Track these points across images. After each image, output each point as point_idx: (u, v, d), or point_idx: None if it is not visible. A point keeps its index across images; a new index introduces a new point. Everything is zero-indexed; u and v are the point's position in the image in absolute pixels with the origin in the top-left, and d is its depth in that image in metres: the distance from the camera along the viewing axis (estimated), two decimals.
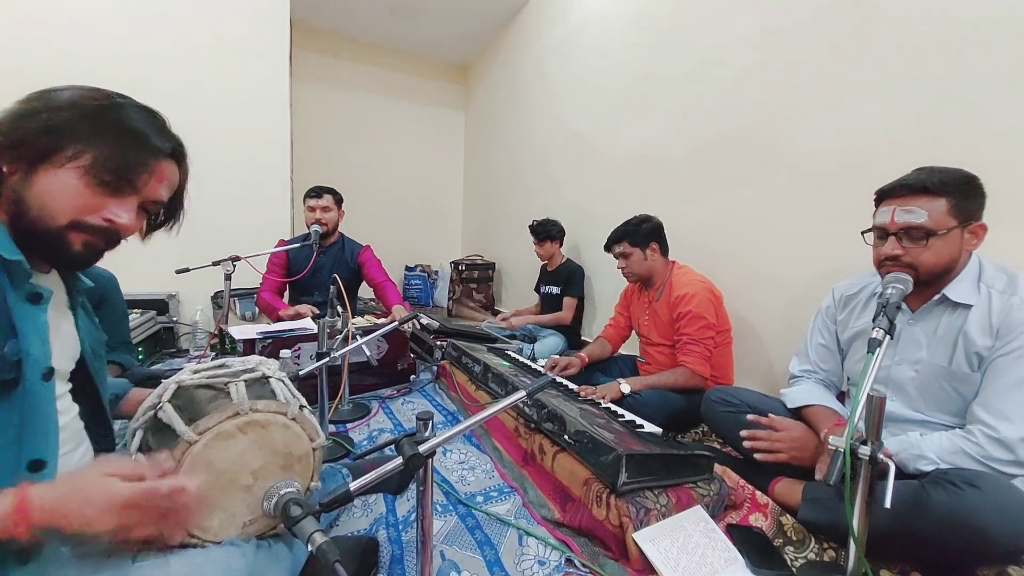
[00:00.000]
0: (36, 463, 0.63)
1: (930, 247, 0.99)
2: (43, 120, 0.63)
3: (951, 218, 0.98)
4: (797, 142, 1.74)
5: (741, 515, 1.13)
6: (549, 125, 3.45)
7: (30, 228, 0.63)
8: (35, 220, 0.63)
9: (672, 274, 1.85)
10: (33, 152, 0.62)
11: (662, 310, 1.83)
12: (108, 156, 0.65)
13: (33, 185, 0.62)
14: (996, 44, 1.25)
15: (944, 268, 1.01)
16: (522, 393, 0.80)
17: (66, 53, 2.47)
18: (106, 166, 0.65)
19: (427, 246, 4.94)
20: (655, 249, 1.85)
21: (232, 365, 0.83)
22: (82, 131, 0.64)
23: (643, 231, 1.85)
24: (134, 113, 0.70)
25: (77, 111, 0.65)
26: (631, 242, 1.85)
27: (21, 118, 0.63)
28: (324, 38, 4.25)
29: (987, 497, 0.81)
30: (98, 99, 0.67)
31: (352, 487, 0.64)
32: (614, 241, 1.91)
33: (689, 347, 1.67)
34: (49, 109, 0.64)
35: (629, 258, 1.87)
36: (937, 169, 1.02)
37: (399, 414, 1.80)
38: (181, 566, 0.60)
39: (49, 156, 0.63)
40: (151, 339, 2.47)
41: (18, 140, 0.62)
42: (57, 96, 0.65)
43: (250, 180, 3.01)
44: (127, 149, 0.67)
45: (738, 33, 1.96)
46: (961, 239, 1.00)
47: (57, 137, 0.63)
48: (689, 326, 1.68)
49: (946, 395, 1.03)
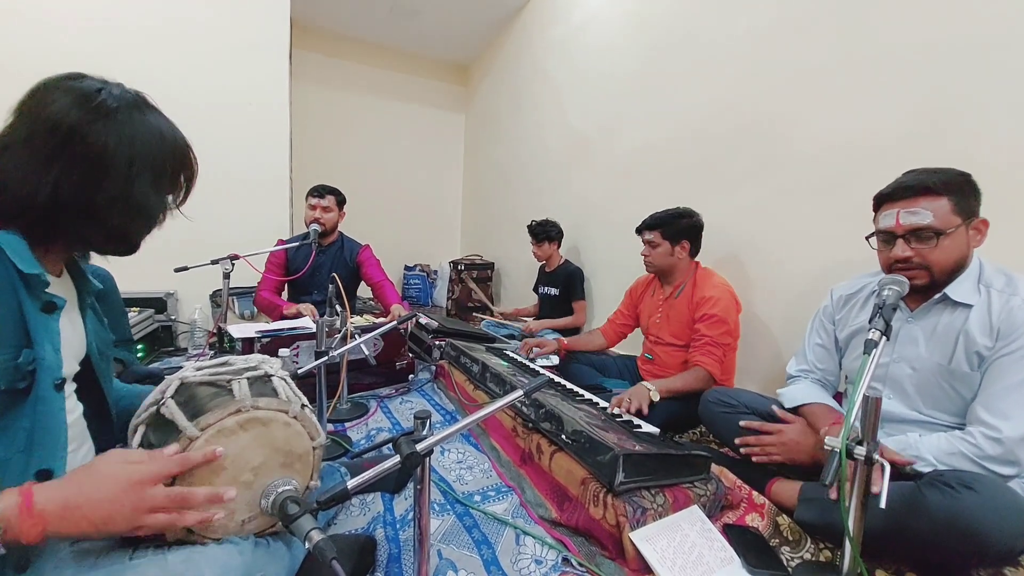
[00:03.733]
0: (43, 473, 0.63)
1: (940, 246, 1.00)
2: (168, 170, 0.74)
3: (955, 216, 0.99)
4: (799, 141, 1.75)
5: (738, 515, 1.13)
6: (549, 125, 3.45)
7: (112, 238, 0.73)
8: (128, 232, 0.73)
9: (697, 275, 1.82)
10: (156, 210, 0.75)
11: (680, 309, 1.81)
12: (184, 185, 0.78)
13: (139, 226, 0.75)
14: (999, 43, 1.26)
15: (956, 266, 1.02)
16: (519, 392, 0.81)
17: (64, 52, 2.48)
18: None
19: (426, 246, 4.94)
20: (685, 247, 1.81)
21: (235, 363, 0.84)
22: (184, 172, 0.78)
23: (679, 226, 1.80)
24: (181, 138, 0.78)
25: (180, 156, 0.76)
26: (663, 233, 1.81)
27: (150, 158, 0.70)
28: (324, 38, 4.25)
29: (983, 499, 0.81)
30: (181, 140, 0.76)
31: (349, 485, 0.64)
32: (647, 227, 1.86)
33: (708, 348, 1.66)
34: (176, 164, 0.76)
35: (655, 248, 1.83)
36: (931, 169, 1.03)
37: (397, 413, 1.80)
38: (178, 563, 0.60)
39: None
40: (149, 337, 2.47)
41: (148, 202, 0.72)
42: (169, 139, 0.73)
43: (249, 180, 3.01)
44: (192, 177, 0.79)
45: (738, 31, 1.97)
46: (967, 236, 1.01)
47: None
48: (712, 329, 1.66)
49: (944, 394, 1.04)
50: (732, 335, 1.70)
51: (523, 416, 1.39)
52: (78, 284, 0.80)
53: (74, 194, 0.64)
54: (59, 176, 0.62)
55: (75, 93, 0.65)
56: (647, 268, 1.94)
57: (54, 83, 0.65)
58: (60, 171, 0.62)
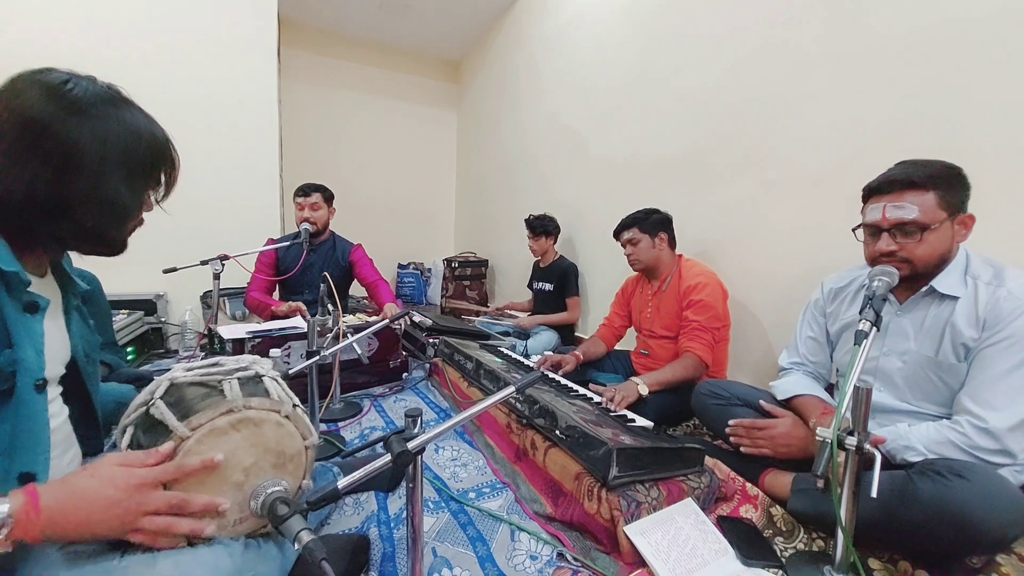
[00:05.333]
0: (26, 476, 0.63)
1: (924, 241, 1.00)
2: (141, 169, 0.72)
3: (941, 211, 0.99)
4: (788, 138, 1.75)
5: (732, 507, 1.14)
6: (541, 122, 3.44)
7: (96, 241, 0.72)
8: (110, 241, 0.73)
9: (681, 266, 1.86)
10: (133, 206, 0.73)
11: (669, 301, 1.84)
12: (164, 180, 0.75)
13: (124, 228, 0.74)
14: (989, 38, 1.26)
15: (939, 260, 1.03)
16: (511, 388, 0.80)
17: (50, 51, 2.43)
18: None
19: (420, 244, 4.92)
20: (663, 239, 1.88)
21: (226, 363, 0.83)
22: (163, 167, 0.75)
23: (653, 220, 1.88)
24: (159, 132, 0.75)
25: (157, 151, 0.73)
26: (641, 228, 1.87)
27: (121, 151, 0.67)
28: (313, 35, 4.20)
29: (974, 487, 0.82)
30: (159, 134, 0.74)
31: (340, 485, 0.64)
32: (624, 227, 1.93)
33: (696, 333, 1.68)
34: (144, 161, 0.71)
35: (637, 245, 1.88)
36: (920, 162, 1.03)
37: (391, 412, 1.79)
38: (168, 565, 0.59)
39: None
40: (139, 340, 2.44)
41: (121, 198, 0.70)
42: (145, 134, 0.71)
43: (238, 179, 2.98)
44: (173, 171, 0.77)
45: (729, 29, 1.97)
46: (952, 231, 1.01)
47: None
48: (699, 314, 1.69)
49: (933, 385, 1.04)
50: (720, 320, 1.72)
51: (517, 412, 1.39)
52: (63, 285, 0.78)
53: (48, 192, 0.62)
54: (33, 174, 0.61)
55: (43, 87, 0.63)
56: (634, 267, 1.97)
57: (23, 78, 0.63)
58: (34, 169, 0.61)
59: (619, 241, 1.97)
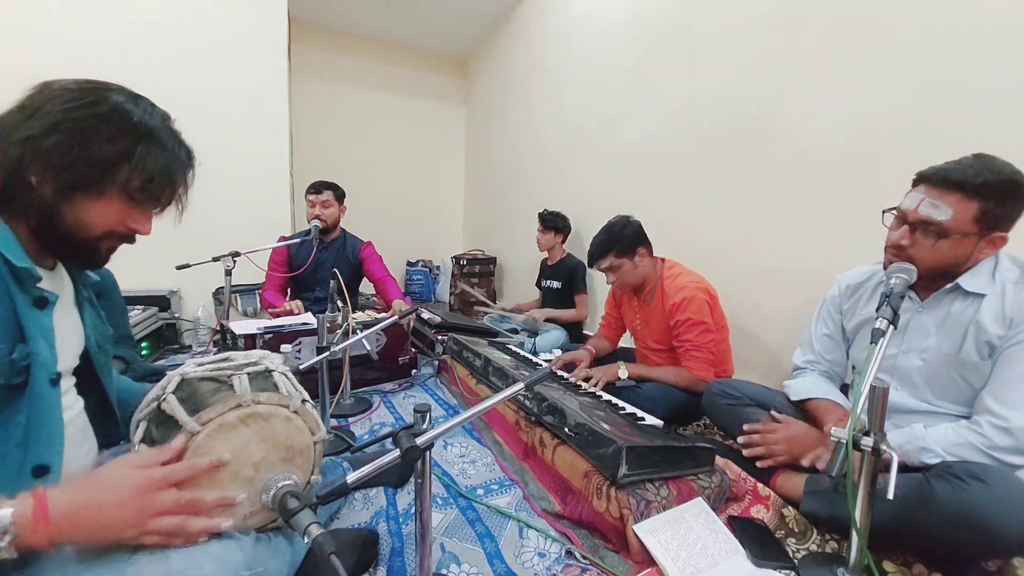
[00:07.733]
0: (40, 468, 0.64)
1: (936, 248, 0.97)
2: (100, 153, 0.65)
3: (974, 224, 0.94)
4: (799, 133, 1.72)
5: (743, 507, 1.13)
6: (550, 118, 3.43)
7: (63, 237, 0.67)
8: (71, 230, 0.67)
9: (663, 275, 1.76)
10: (84, 180, 0.65)
11: (656, 315, 1.76)
12: (149, 179, 0.69)
13: (75, 202, 0.65)
14: (1002, 34, 1.22)
15: (943, 269, 1.00)
16: (520, 385, 0.80)
17: (62, 48, 2.47)
18: (145, 188, 0.70)
19: (429, 241, 4.92)
20: (643, 254, 1.73)
21: (236, 358, 0.83)
22: (134, 158, 0.67)
23: (627, 237, 1.70)
24: (166, 135, 0.72)
25: (130, 138, 0.67)
26: (618, 252, 1.70)
27: (76, 141, 0.63)
28: (322, 33, 4.23)
29: (992, 491, 0.80)
30: (147, 121, 0.69)
31: (349, 479, 0.64)
32: (598, 256, 1.74)
33: (692, 354, 1.62)
34: (107, 138, 0.65)
35: (619, 270, 1.73)
36: (988, 167, 0.93)
37: (400, 408, 1.80)
38: (179, 560, 0.60)
39: (100, 184, 0.66)
40: (153, 335, 2.48)
41: (68, 165, 0.64)
42: (118, 117, 0.66)
43: (250, 176, 3.01)
44: (163, 173, 0.71)
45: (738, 22, 1.94)
46: (975, 246, 0.97)
47: (113, 170, 0.66)
48: (689, 332, 1.63)
49: (954, 384, 1.02)
50: (712, 330, 1.65)
51: (526, 410, 1.38)
52: (74, 278, 0.79)
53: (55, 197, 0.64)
54: (70, 179, 0.64)
55: (130, 106, 0.68)
56: (622, 291, 1.88)
57: (110, 92, 0.67)
58: (71, 174, 0.64)
59: (596, 270, 1.80)
